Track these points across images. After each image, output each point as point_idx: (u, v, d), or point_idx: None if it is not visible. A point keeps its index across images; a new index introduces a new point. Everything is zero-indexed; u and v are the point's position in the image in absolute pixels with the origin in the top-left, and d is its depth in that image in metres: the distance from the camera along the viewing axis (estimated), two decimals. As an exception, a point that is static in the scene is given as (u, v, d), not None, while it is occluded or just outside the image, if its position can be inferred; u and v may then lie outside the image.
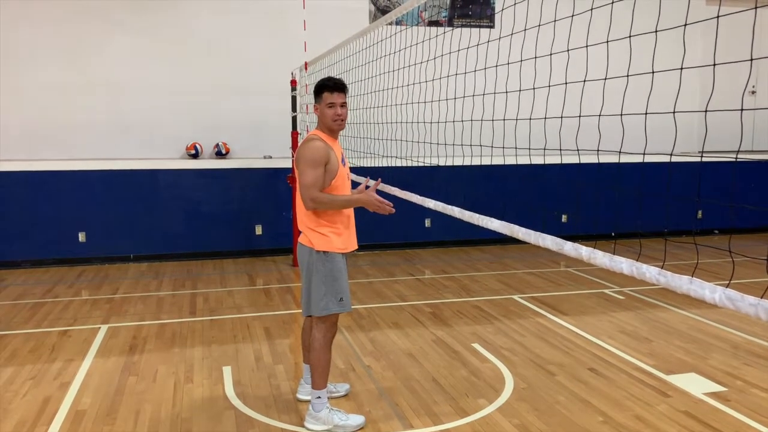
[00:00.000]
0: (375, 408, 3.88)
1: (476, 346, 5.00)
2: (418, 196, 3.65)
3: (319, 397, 3.60)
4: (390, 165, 5.45)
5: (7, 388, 4.21)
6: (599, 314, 5.90)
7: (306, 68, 7.42)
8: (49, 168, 8.04)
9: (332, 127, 3.59)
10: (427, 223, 9.22)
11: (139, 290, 6.93)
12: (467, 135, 4.80)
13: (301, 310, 6.02)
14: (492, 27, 9.49)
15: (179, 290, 6.91)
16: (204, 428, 3.63)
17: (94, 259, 8.25)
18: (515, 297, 6.51)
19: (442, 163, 4.76)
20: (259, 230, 8.74)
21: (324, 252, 3.54)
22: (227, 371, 4.49)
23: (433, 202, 3.33)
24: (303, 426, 3.63)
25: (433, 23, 9.37)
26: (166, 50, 8.60)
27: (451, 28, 7.25)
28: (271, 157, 8.83)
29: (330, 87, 3.57)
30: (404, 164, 5.33)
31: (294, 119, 7.98)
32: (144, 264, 8.24)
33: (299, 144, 3.78)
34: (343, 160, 3.66)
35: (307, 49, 7.29)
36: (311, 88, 7.49)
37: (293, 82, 7.94)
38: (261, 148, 8.92)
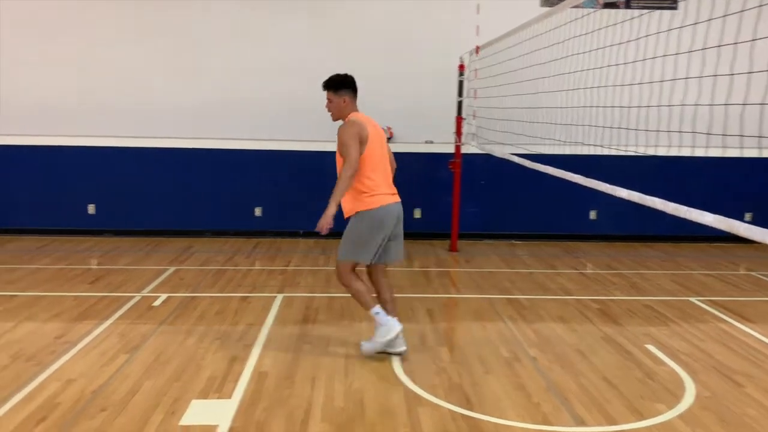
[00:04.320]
0: (543, 400, 3.80)
1: (650, 347, 4.72)
2: (607, 185, 3.46)
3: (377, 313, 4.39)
4: (567, 153, 5.28)
5: (199, 345, 4.64)
6: (792, 325, 5.34)
7: (477, 52, 7.36)
8: (232, 147, 8.68)
9: None
10: (592, 215, 8.82)
11: (309, 264, 7.32)
12: (640, 122, 4.52)
13: (459, 294, 6.05)
14: (675, 8, 8.81)
15: (344, 267, 7.19)
16: (375, 400, 3.76)
17: (268, 233, 8.84)
18: (692, 299, 6.05)
19: (605, 152, 4.53)
20: (417, 213, 8.85)
21: None
22: (394, 349, 4.61)
23: (626, 191, 3.15)
24: (469, 409, 3.65)
25: (609, 5, 8.89)
26: (335, 35, 8.77)
27: (632, 14, 6.82)
28: (432, 142, 8.86)
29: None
30: (585, 152, 5.15)
31: (459, 104, 7.97)
32: (311, 240, 8.67)
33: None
34: None
35: (479, 34, 7.22)
36: (481, 73, 7.46)
37: (461, 67, 7.92)
38: (423, 132, 8.94)
